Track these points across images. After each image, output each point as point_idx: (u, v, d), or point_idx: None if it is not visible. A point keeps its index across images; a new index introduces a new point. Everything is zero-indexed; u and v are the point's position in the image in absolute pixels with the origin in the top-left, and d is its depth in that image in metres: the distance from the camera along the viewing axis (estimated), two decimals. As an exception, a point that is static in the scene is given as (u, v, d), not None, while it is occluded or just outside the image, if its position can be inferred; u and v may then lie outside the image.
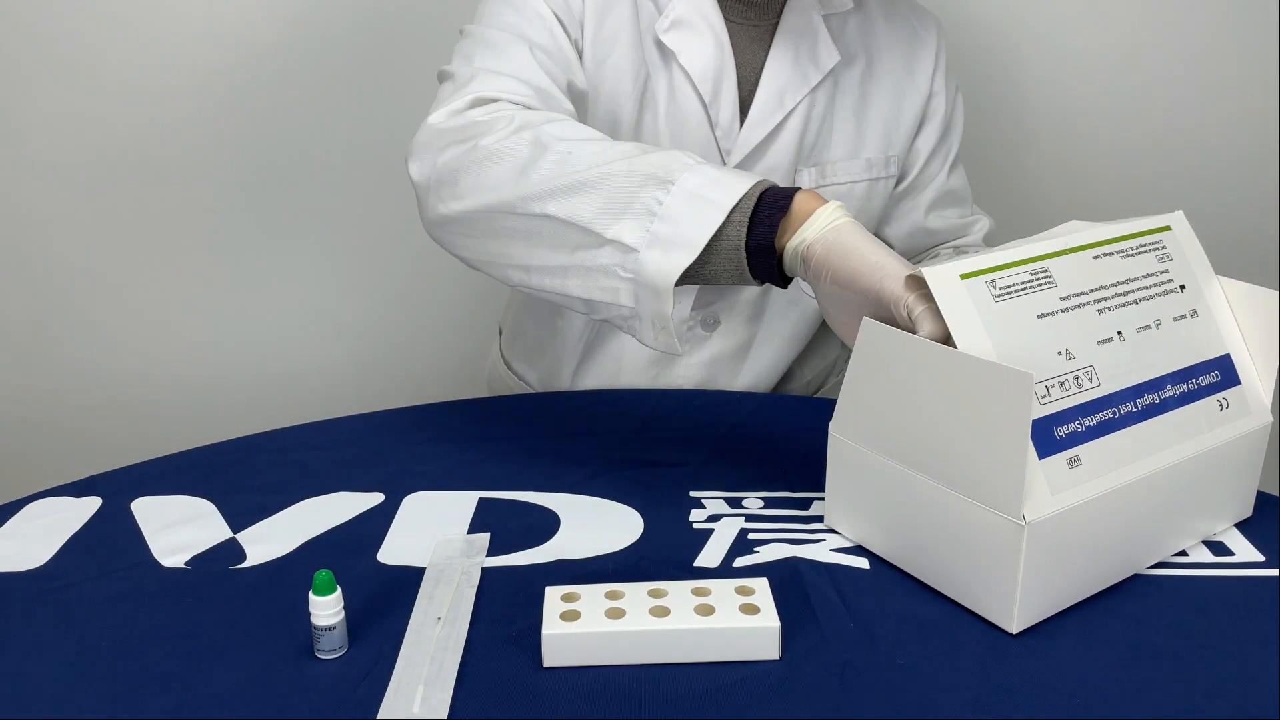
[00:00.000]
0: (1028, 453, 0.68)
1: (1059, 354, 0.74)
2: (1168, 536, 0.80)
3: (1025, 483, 0.68)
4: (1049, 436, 0.71)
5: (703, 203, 0.77)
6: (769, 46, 1.08)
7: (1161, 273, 0.81)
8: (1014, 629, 0.72)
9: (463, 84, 0.92)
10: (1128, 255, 0.80)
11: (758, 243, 0.78)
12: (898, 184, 1.20)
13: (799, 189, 0.80)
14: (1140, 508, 0.75)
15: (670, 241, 0.77)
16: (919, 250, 1.24)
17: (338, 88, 1.54)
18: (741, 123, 1.08)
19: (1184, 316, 0.80)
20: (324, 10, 1.51)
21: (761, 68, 1.08)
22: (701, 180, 0.79)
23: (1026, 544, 0.69)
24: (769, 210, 0.78)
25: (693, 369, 1.17)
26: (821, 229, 0.77)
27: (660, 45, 1.05)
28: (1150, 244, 0.82)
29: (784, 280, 0.82)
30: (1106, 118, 1.61)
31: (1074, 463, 0.72)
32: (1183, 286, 0.82)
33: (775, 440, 0.98)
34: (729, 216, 0.78)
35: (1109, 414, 0.74)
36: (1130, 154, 1.62)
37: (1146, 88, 1.59)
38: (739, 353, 1.17)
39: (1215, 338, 0.81)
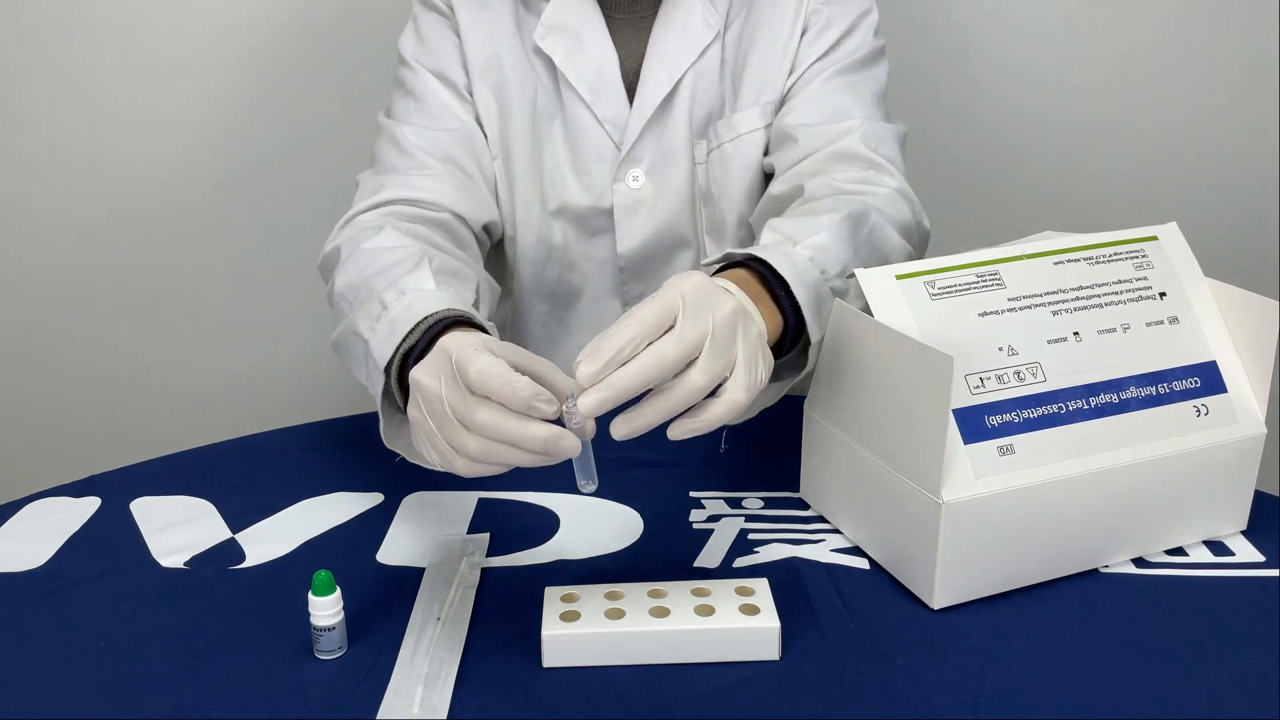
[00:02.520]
0: (947, 434, 0.70)
1: (1000, 349, 0.76)
2: (1135, 535, 0.80)
3: (945, 464, 0.71)
4: (979, 424, 0.74)
5: (375, 367, 0.79)
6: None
7: (1138, 279, 0.82)
8: (935, 605, 0.74)
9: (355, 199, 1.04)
10: (1096, 262, 0.81)
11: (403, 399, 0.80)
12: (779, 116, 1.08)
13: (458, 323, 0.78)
14: (1087, 502, 0.76)
15: (375, 399, 0.81)
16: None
17: (337, 87, 1.54)
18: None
19: (1160, 322, 0.81)
20: (324, 13, 1.51)
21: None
22: (382, 339, 0.79)
23: (944, 523, 0.72)
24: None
25: None
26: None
27: (540, 53, 1.06)
28: (1129, 252, 0.83)
29: None
30: (1103, 120, 1.61)
31: (1005, 451, 0.74)
32: (1163, 294, 0.82)
33: (775, 440, 0.98)
34: (386, 377, 0.79)
35: (1055, 409, 0.76)
36: (1128, 157, 1.62)
37: (1144, 90, 1.59)
38: None
39: (1199, 344, 0.81)
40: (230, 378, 1.67)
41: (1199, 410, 0.80)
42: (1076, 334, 0.78)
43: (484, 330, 0.79)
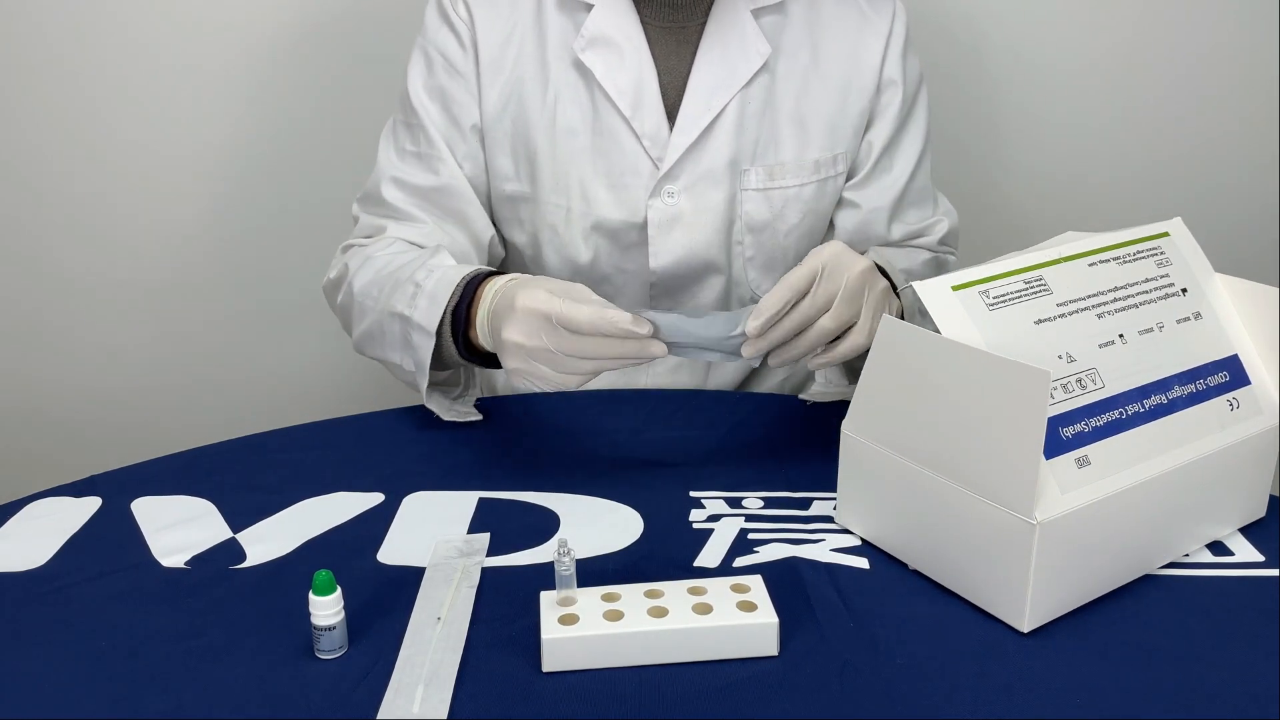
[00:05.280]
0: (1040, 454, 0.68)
1: (1059, 357, 0.74)
2: (1180, 536, 0.80)
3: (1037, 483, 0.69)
4: (1056, 437, 0.72)
5: (423, 334, 0.96)
6: (696, 49, 1.06)
7: (1161, 277, 0.82)
8: (1025, 628, 0.72)
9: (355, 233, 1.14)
10: (1125, 261, 0.81)
11: (465, 352, 0.97)
12: (848, 179, 1.13)
13: (487, 277, 0.95)
14: (1152, 507, 0.76)
15: (420, 366, 0.98)
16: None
17: (339, 87, 1.54)
18: (671, 129, 1.06)
19: (1187, 319, 0.81)
20: (325, 11, 1.51)
21: (689, 71, 1.06)
22: (424, 310, 0.96)
23: (1037, 544, 0.69)
24: (463, 325, 0.95)
25: (660, 376, 1.16)
26: (483, 323, 0.93)
27: (580, 65, 1.05)
28: (1149, 250, 0.83)
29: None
30: (1105, 122, 1.61)
31: (1083, 462, 0.72)
32: (1184, 290, 0.82)
33: (775, 440, 0.98)
34: (439, 336, 0.96)
35: (1116, 414, 0.75)
36: (1129, 156, 1.62)
37: (1145, 90, 1.59)
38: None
39: (1221, 339, 0.82)
40: (230, 378, 1.67)
41: (1231, 404, 0.80)
42: (1121, 336, 0.77)
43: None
